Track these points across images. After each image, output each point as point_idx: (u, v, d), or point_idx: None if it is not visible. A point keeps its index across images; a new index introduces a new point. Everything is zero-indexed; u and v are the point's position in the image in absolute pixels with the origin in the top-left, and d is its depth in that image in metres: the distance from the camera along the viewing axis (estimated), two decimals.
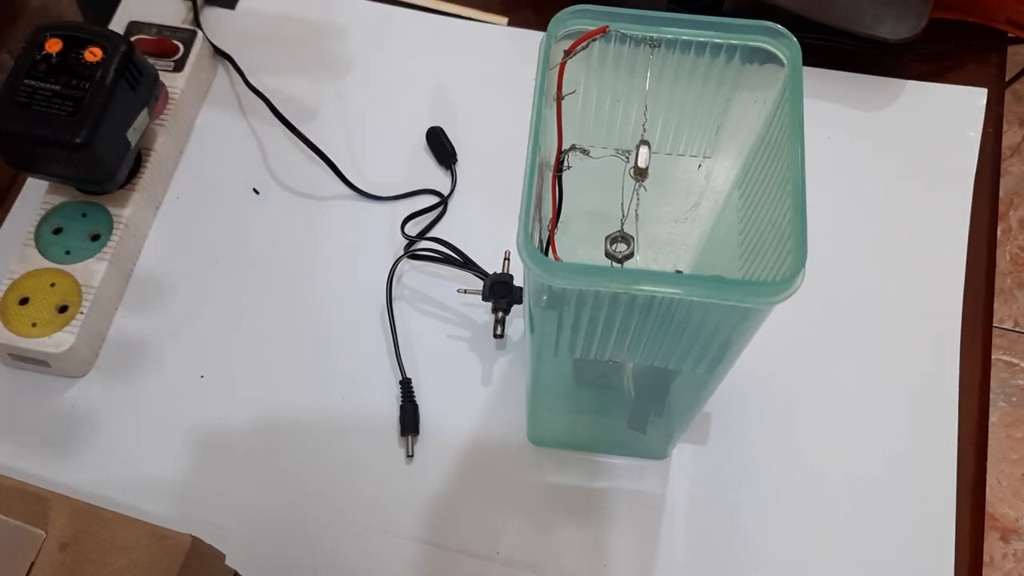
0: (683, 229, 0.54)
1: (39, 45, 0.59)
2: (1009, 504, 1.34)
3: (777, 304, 0.38)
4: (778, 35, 0.43)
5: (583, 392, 0.54)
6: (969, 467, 0.59)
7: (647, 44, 0.44)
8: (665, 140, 0.49)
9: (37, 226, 0.63)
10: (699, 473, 0.59)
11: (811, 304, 0.61)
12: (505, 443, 0.60)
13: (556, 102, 0.44)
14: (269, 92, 0.70)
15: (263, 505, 0.58)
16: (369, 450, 0.60)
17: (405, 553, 0.57)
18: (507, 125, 0.71)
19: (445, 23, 0.76)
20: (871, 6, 0.69)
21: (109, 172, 0.61)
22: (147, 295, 0.65)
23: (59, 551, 0.46)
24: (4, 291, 0.61)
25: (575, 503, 0.58)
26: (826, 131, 0.70)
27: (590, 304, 0.40)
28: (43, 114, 0.58)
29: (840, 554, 0.57)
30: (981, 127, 0.71)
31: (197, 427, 0.60)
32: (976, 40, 0.74)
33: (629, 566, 0.57)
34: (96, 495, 0.57)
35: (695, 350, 0.43)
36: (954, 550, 0.57)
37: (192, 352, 0.63)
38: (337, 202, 0.68)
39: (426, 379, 0.61)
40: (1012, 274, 1.51)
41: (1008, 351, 1.46)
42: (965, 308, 0.64)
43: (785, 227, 0.40)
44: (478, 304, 0.63)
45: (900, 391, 0.61)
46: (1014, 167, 1.60)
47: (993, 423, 1.40)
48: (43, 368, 0.61)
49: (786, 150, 0.41)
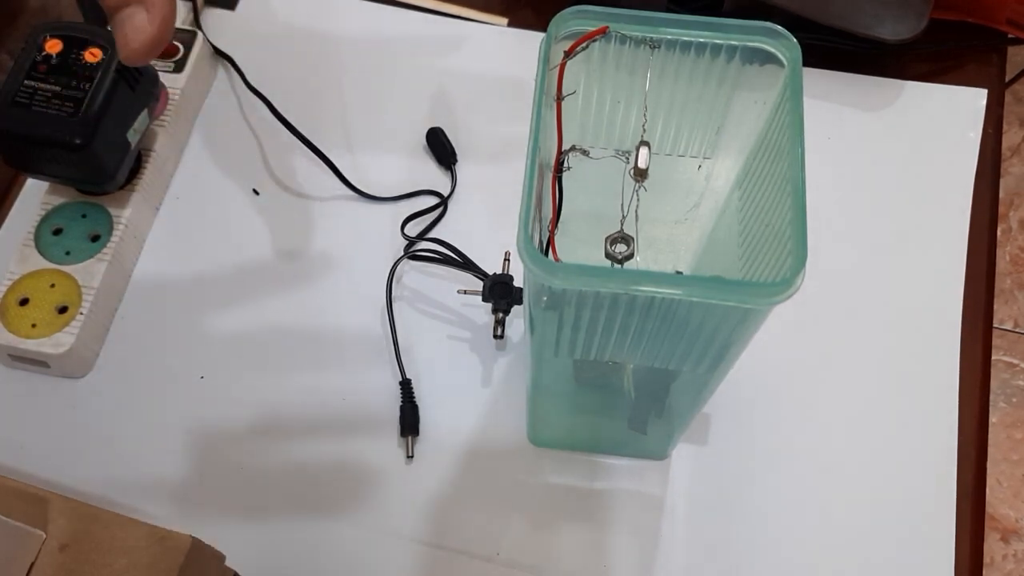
0: (683, 230, 0.54)
1: (39, 45, 0.59)
2: (1010, 505, 1.34)
3: (777, 304, 0.38)
4: (778, 36, 0.43)
5: (583, 393, 0.54)
6: (969, 468, 0.59)
7: (647, 45, 0.44)
8: (665, 141, 0.49)
9: (37, 227, 0.63)
10: (699, 473, 0.59)
11: (811, 304, 0.61)
12: (505, 443, 0.60)
13: (556, 102, 0.44)
14: (269, 92, 0.70)
15: (263, 506, 0.58)
16: (369, 450, 0.60)
17: (405, 554, 0.57)
18: (507, 125, 0.71)
19: (445, 23, 0.76)
20: (871, 6, 0.69)
21: (109, 173, 0.61)
22: (147, 295, 0.65)
23: (59, 552, 0.46)
24: (4, 292, 0.61)
25: (575, 504, 0.58)
26: (826, 131, 0.70)
27: (590, 305, 0.40)
28: (43, 114, 0.58)
29: (840, 554, 0.57)
30: (981, 128, 0.70)
31: (197, 427, 0.60)
32: (976, 40, 0.74)
33: (629, 566, 0.57)
34: (96, 495, 0.57)
35: (695, 351, 0.43)
36: (954, 551, 0.57)
37: (192, 352, 0.63)
38: (337, 202, 0.68)
39: (426, 380, 0.61)
40: (1012, 275, 1.51)
41: (1008, 351, 1.46)
42: (965, 308, 0.64)
43: (785, 228, 0.40)
44: (478, 305, 0.63)
45: (900, 391, 0.61)
46: (1014, 168, 1.60)
47: (993, 424, 1.40)
48: (43, 369, 0.61)
49: (786, 150, 0.41)
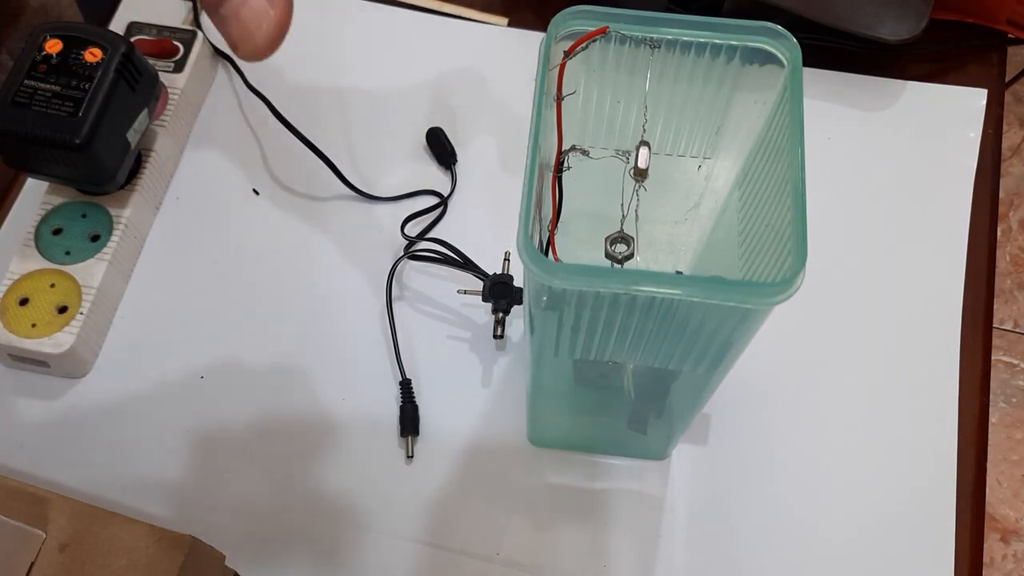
0: (683, 230, 0.54)
1: (39, 45, 0.59)
2: (1010, 505, 1.34)
3: (777, 305, 0.38)
4: (778, 36, 0.43)
5: (583, 393, 0.54)
6: (969, 468, 0.59)
7: (647, 45, 0.44)
8: (665, 141, 0.49)
9: (37, 226, 0.63)
10: (699, 474, 0.59)
11: (811, 305, 0.61)
12: (505, 443, 0.60)
13: (556, 102, 0.44)
14: (269, 92, 0.70)
15: (263, 505, 0.58)
16: (369, 450, 0.60)
17: (405, 554, 0.57)
18: (507, 125, 0.71)
19: (445, 23, 0.76)
20: (871, 6, 0.69)
21: (109, 173, 0.61)
22: (147, 295, 0.65)
23: (59, 552, 0.47)
24: (4, 292, 0.61)
25: (575, 504, 0.58)
26: (826, 131, 0.70)
27: (590, 305, 0.40)
28: (43, 114, 0.57)
29: (840, 554, 0.57)
30: (981, 128, 0.70)
31: (197, 427, 0.60)
32: (976, 40, 0.74)
33: (629, 567, 0.57)
34: (96, 495, 0.57)
35: (695, 351, 0.43)
36: (954, 551, 0.57)
37: (192, 352, 0.63)
38: (337, 202, 0.68)
39: (426, 380, 0.61)
40: (1012, 275, 1.51)
41: (1008, 352, 1.46)
42: (965, 309, 0.64)
43: (785, 228, 0.40)
44: (478, 305, 0.63)
45: (900, 391, 0.61)
46: (1014, 168, 1.60)
47: (993, 424, 1.40)
48: (43, 368, 0.61)
49: (786, 151, 0.41)
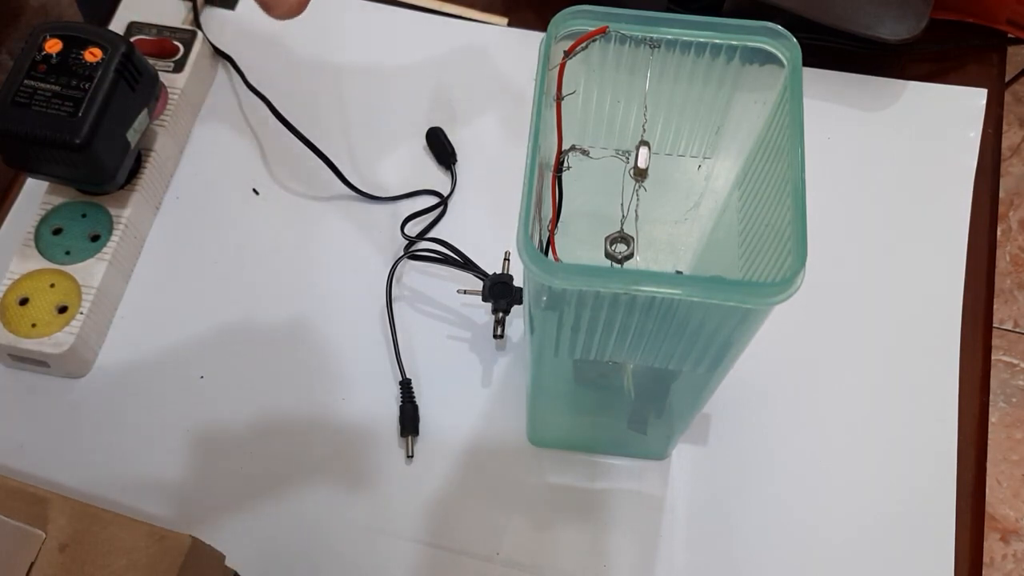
0: (683, 230, 0.54)
1: (39, 45, 0.59)
2: (1009, 505, 1.34)
3: (777, 305, 0.38)
4: (778, 36, 0.43)
5: (583, 393, 0.54)
6: (969, 468, 0.59)
7: (647, 44, 0.44)
8: (665, 141, 0.49)
9: (37, 226, 0.63)
10: (699, 474, 0.59)
11: (811, 304, 0.61)
12: (505, 443, 0.60)
13: (556, 102, 0.44)
14: (269, 92, 0.70)
15: (263, 505, 0.58)
16: (369, 450, 0.60)
17: (405, 553, 0.57)
18: (507, 125, 0.71)
19: (445, 23, 0.76)
20: (871, 6, 0.69)
21: (109, 172, 0.61)
22: (147, 295, 0.65)
23: (59, 552, 0.47)
24: (4, 291, 0.61)
25: (575, 504, 0.58)
26: (826, 131, 0.70)
27: (590, 305, 0.40)
28: (43, 114, 0.58)
29: (840, 554, 0.57)
30: (981, 128, 0.70)
31: (197, 427, 0.60)
32: (976, 40, 0.74)
33: (629, 567, 0.57)
34: (96, 495, 0.57)
35: (695, 351, 0.43)
36: (954, 551, 0.57)
37: (192, 352, 0.63)
38: (337, 202, 0.68)
39: (426, 379, 0.61)
40: (1012, 275, 1.51)
41: (1008, 351, 1.46)
42: (965, 309, 0.64)
43: (785, 228, 0.40)
44: (478, 305, 0.63)
45: (900, 391, 0.61)
46: (1014, 167, 1.60)
47: (993, 423, 1.40)
48: (43, 368, 0.61)
49: (786, 151, 0.41)
